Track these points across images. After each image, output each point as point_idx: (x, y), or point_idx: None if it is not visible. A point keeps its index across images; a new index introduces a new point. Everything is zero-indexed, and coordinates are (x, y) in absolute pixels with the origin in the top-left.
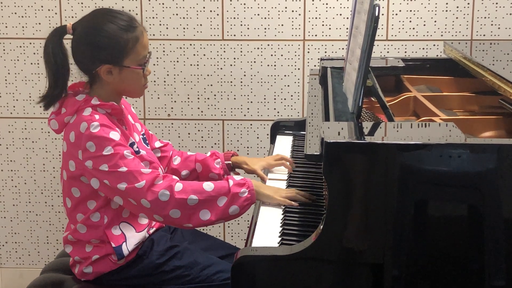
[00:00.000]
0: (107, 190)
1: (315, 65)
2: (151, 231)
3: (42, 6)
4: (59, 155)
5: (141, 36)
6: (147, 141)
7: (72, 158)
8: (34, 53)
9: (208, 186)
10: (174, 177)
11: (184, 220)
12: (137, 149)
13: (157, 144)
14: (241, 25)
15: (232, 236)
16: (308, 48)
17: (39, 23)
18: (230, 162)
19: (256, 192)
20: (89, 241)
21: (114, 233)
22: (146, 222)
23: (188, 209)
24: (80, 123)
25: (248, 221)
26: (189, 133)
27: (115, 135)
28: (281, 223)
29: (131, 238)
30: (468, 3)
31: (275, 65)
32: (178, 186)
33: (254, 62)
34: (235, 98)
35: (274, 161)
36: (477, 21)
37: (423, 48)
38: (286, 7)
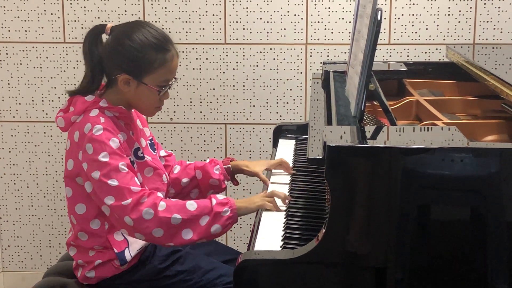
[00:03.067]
0: (96, 198)
1: (317, 69)
2: None
3: (45, 10)
4: (62, 158)
5: (170, 61)
6: (154, 147)
7: (73, 157)
8: (37, 57)
9: (191, 205)
10: (159, 194)
11: (166, 240)
12: (141, 155)
13: (162, 153)
14: (244, 29)
15: (234, 240)
16: (311, 52)
17: (42, 27)
18: (229, 166)
19: (237, 209)
20: (92, 248)
21: (116, 238)
22: None
23: (171, 228)
24: (85, 124)
25: (250, 225)
26: (191, 137)
27: (114, 142)
28: (283, 227)
29: (134, 243)
30: (471, 7)
31: (277, 69)
32: (162, 204)
33: (257, 66)
34: (237, 102)
35: (274, 163)
36: (480, 25)
37: (426, 52)
38: (288, 11)
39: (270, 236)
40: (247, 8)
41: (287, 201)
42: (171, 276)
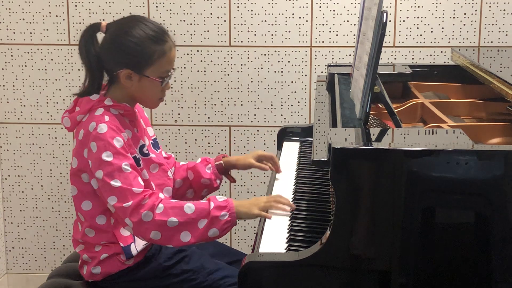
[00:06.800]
0: (101, 195)
1: (322, 72)
2: None
3: (50, 12)
4: (66, 160)
5: (169, 51)
6: (158, 145)
7: (78, 155)
8: (42, 59)
9: (189, 208)
10: (161, 195)
11: (165, 242)
12: (146, 151)
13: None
14: (248, 31)
15: (238, 243)
16: (315, 55)
17: (47, 29)
18: (221, 162)
19: (236, 213)
20: (99, 243)
21: (122, 234)
22: None
23: (168, 231)
24: (90, 122)
25: (254, 227)
26: (196, 139)
27: (118, 141)
28: (288, 229)
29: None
30: (476, 10)
31: (282, 72)
32: (160, 207)
33: (261, 68)
34: (242, 104)
35: (264, 153)
36: (485, 27)
37: (431, 55)
38: (293, 14)
39: (275, 238)
40: (251, 10)
41: (289, 208)
42: (175, 275)
